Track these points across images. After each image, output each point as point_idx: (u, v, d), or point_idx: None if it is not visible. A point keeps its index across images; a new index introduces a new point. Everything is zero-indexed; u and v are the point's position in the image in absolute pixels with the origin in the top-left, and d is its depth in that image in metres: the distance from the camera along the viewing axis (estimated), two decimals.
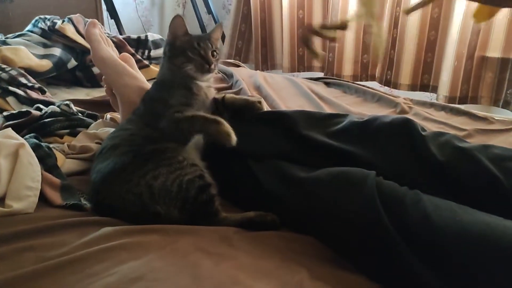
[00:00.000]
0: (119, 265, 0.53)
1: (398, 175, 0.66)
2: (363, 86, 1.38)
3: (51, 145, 0.85)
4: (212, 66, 0.77)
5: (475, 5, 0.58)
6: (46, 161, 0.79)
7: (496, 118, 1.10)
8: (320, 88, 1.36)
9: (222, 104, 0.83)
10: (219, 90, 1.39)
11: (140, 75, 0.93)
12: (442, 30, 2.06)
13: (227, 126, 0.70)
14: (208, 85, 0.81)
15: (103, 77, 0.95)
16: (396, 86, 2.26)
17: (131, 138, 0.75)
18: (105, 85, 0.97)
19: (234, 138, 0.69)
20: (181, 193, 0.67)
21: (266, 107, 0.85)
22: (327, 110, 1.20)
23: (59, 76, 1.42)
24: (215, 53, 0.78)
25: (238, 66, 1.69)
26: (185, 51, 0.76)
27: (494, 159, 0.66)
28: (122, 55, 0.95)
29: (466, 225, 0.55)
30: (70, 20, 1.45)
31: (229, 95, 0.85)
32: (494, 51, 1.90)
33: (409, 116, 1.17)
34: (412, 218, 0.57)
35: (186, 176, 0.68)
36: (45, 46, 1.39)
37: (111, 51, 0.93)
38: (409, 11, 0.64)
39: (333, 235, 0.64)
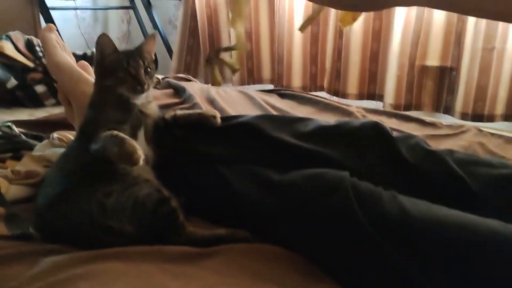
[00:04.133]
0: None
1: (370, 177, 0.66)
2: (316, 96, 1.41)
3: None
4: (145, 86, 0.72)
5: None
6: None
7: (444, 123, 1.16)
8: (274, 100, 1.37)
9: (174, 123, 0.79)
10: (171, 105, 1.36)
11: None
12: (383, 41, 2.15)
13: (134, 146, 0.62)
14: (145, 102, 0.75)
15: (58, 84, 0.89)
16: (344, 95, 2.33)
17: (77, 161, 0.70)
18: (59, 93, 0.91)
19: (139, 155, 0.62)
20: (137, 208, 0.63)
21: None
22: None
23: None
24: (148, 69, 0.73)
25: (189, 80, 1.67)
26: (115, 71, 0.71)
27: (460, 163, 0.69)
28: (80, 62, 0.90)
29: (443, 216, 0.56)
30: (9, 37, 1.37)
31: (180, 111, 0.80)
32: (433, 60, 2.01)
33: None
34: (390, 214, 0.58)
35: (142, 190, 0.65)
36: None
37: (68, 57, 0.88)
38: (301, 28, 0.67)
39: (308, 239, 0.63)
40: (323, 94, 2.45)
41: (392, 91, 2.11)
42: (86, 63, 0.91)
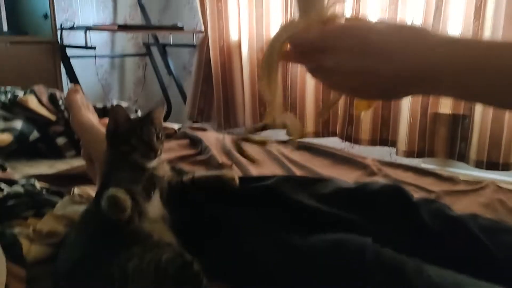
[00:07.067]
0: None
1: (390, 243, 0.65)
2: (331, 148, 1.42)
3: (15, 231, 0.80)
4: (158, 152, 0.75)
5: None
6: (11, 250, 0.74)
7: (461, 178, 1.15)
8: (289, 151, 1.38)
9: (193, 186, 0.80)
10: (187, 157, 1.38)
11: None
12: None
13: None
14: (157, 165, 0.77)
15: (81, 142, 0.93)
16: (356, 141, 2.34)
17: (96, 224, 0.71)
18: (82, 151, 0.94)
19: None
20: (159, 273, 0.63)
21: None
22: (299, 174, 1.21)
23: (19, 149, 1.36)
24: (159, 135, 0.76)
25: (205, 130, 1.70)
26: (129, 139, 0.73)
27: (484, 230, 0.67)
28: (102, 120, 0.93)
29: None
30: (33, 91, 1.41)
31: (198, 175, 0.81)
32: (445, 108, 2.02)
33: (378, 177, 1.20)
34: (415, 285, 0.56)
35: (163, 254, 0.65)
36: (5, 119, 1.34)
37: (91, 117, 0.92)
38: (323, 115, 0.68)
39: None
40: (335, 139, 2.46)
41: (405, 138, 2.11)
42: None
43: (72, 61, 2.54)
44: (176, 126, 1.68)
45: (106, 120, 0.94)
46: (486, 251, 0.65)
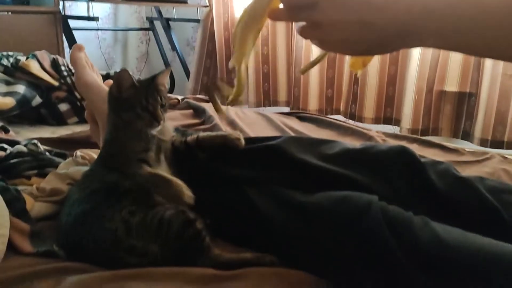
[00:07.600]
0: None
1: (398, 203, 0.64)
2: (336, 120, 1.41)
3: (18, 188, 0.80)
4: (162, 122, 0.73)
5: None
6: (14, 205, 0.74)
7: (467, 149, 1.14)
8: (293, 122, 1.37)
9: (197, 146, 0.79)
10: (190, 126, 1.37)
11: None
12: (401, 65, 2.16)
13: (180, 185, 0.68)
14: (160, 129, 0.76)
15: (86, 102, 0.92)
16: (360, 119, 2.33)
17: (102, 180, 0.71)
18: (86, 111, 0.93)
19: (189, 195, 0.67)
20: (162, 229, 0.63)
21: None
22: None
23: (22, 114, 1.35)
24: (164, 102, 0.74)
25: (208, 101, 1.68)
26: (133, 107, 0.71)
27: (491, 191, 0.67)
28: (107, 81, 0.92)
29: (479, 246, 0.55)
30: (35, 56, 1.40)
31: (203, 134, 0.80)
32: (452, 86, 2.01)
33: None
34: (423, 239, 0.56)
35: (167, 211, 0.65)
36: (8, 83, 1.33)
37: (96, 77, 0.90)
38: (303, 71, 0.68)
39: (336, 265, 0.62)
40: (339, 117, 2.45)
41: (409, 116, 2.10)
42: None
43: (75, 33, 2.51)
44: (179, 96, 1.66)
45: (111, 82, 0.93)
46: (493, 211, 0.65)
